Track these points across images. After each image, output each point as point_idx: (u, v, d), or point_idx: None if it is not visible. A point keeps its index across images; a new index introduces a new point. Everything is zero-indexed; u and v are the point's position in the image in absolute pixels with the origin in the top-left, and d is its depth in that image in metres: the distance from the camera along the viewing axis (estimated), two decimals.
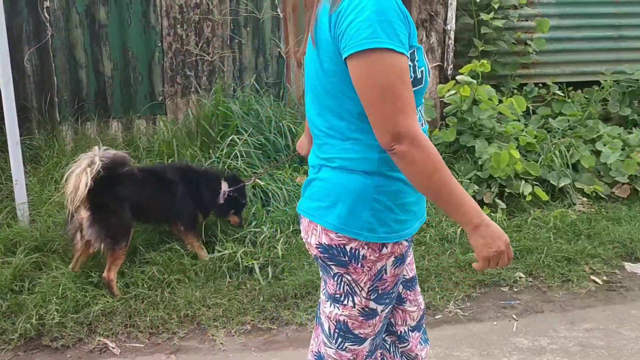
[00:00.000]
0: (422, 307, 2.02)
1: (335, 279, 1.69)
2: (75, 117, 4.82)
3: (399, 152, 1.44)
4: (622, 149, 4.88)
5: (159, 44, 4.95)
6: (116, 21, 4.85)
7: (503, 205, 4.33)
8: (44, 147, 4.56)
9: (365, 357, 1.79)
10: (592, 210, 4.49)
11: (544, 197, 4.42)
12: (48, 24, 4.69)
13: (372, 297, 1.69)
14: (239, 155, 4.34)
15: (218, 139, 4.59)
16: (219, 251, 3.68)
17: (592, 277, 3.74)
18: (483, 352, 2.98)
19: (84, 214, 3.23)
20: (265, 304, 3.35)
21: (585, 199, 4.60)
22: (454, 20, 5.38)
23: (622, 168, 4.67)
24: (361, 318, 1.71)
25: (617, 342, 3.06)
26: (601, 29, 6.03)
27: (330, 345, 1.79)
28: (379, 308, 1.72)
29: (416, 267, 3.64)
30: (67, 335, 3.06)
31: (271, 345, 3.07)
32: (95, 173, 3.17)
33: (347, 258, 1.64)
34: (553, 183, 4.57)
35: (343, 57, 1.47)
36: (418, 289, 2.01)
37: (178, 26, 4.95)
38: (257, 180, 4.07)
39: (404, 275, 1.92)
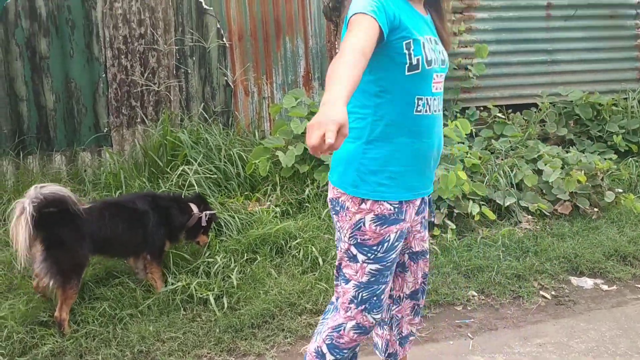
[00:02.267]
0: (421, 282, 2.41)
1: (336, 226, 2.15)
2: (17, 151, 4.67)
3: None
4: (562, 167, 5.07)
5: (103, 75, 4.88)
6: (58, 53, 4.76)
7: (453, 226, 4.42)
8: None
9: (349, 301, 2.16)
10: (538, 227, 4.63)
11: (492, 216, 4.54)
12: None
13: (352, 243, 2.10)
14: (192, 184, 4.29)
15: (168, 169, 4.53)
16: (173, 283, 3.61)
17: (542, 293, 3.84)
18: None
19: (38, 248, 3.12)
20: (222, 336, 3.28)
21: (530, 216, 4.75)
22: None
23: (563, 186, 4.85)
24: (346, 258, 2.14)
25: (568, 354, 3.15)
26: (535, 54, 6.32)
27: (336, 279, 2.23)
28: (360, 256, 2.11)
29: None
30: None
31: None
32: (31, 218, 3.04)
33: (338, 207, 2.10)
34: (499, 202, 4.70)
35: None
36: (423, 265, 2.40)
37: (122, 57, 4.90)
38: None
39: (411, 247, 2.34)
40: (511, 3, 6.18)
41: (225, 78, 5.24)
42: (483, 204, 4.63)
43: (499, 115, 5.83)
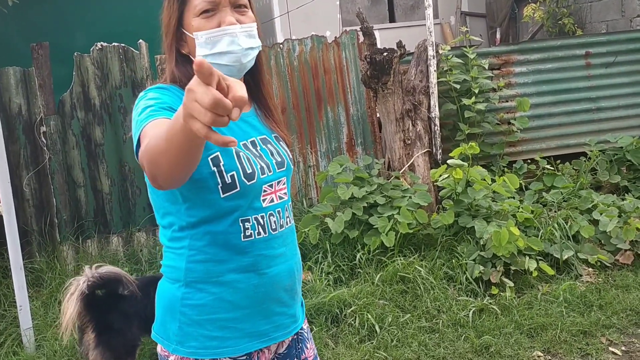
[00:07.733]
0: None
1: None
2: (76, 236, 4.84)
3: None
4: (619, 216, 4.92)
5: None
6: (112, 139, 4.99)
7: (511, 284, 4.30)
8: (46, 269, 4.55)
9: None
10: (600, 279, 4.47)
11: (550, 271, 4.41)
12: (45, 148, 4.81)
13: None
14: None
15: None
16: None
17: (611, 349, 3.67)
18: None
19: (91, 335, 3.18)
20: None
21: (590, 269, 4.60)
22: (437, 108, 5.57)
23: (622, 235, 4.70)
24: None
25: None
26: (579, 103, 6.26)
27: None
28: None
29: (432, 356, 3.58)
30: None
31: None
32: (82, 295, 3.11)
33: None
34: (556, 256, 4.57)
35: None
36: None
37: None
38: None
39: None
40: (548, 55, 6.19)
41: None
42: (540, 259, 4.51)
43: (548, 167, 5.75)
